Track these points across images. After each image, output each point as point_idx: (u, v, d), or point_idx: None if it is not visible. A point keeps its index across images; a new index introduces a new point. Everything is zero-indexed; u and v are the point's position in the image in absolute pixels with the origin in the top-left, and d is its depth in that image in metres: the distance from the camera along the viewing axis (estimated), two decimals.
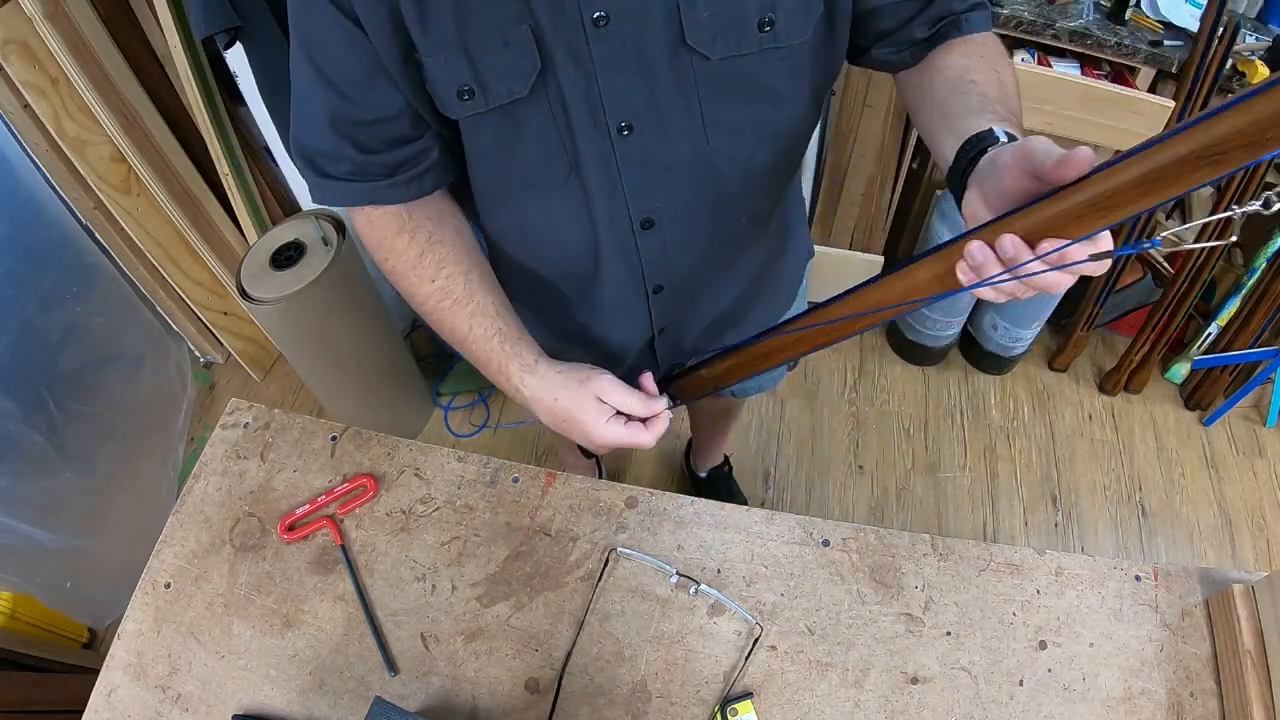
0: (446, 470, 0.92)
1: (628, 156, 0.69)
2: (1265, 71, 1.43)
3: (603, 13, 0.60)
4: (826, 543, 0.86)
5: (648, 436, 0.74)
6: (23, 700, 1.29)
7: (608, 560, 0.85)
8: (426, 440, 1.02)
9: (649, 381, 0.77)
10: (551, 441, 1.96)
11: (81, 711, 0.78)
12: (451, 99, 0.64)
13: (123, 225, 1.70)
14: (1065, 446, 1.98)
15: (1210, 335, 1.92)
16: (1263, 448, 1.96)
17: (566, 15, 0.60)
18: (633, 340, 0.91)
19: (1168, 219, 1.84)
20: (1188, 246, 0.64)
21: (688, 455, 1.88)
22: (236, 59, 1.44)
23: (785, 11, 0.63)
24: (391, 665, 0.80)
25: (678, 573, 0.84)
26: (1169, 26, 1.50)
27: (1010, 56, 0.77)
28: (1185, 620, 0.81)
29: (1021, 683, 0.78)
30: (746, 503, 1.36)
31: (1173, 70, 1.49)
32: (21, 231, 1.46)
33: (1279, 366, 1.84)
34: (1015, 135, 0.56)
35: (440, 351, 2.11)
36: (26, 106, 1.46)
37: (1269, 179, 1.56)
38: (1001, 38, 1.25)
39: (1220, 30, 1.39)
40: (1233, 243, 0.91)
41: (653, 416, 0.74)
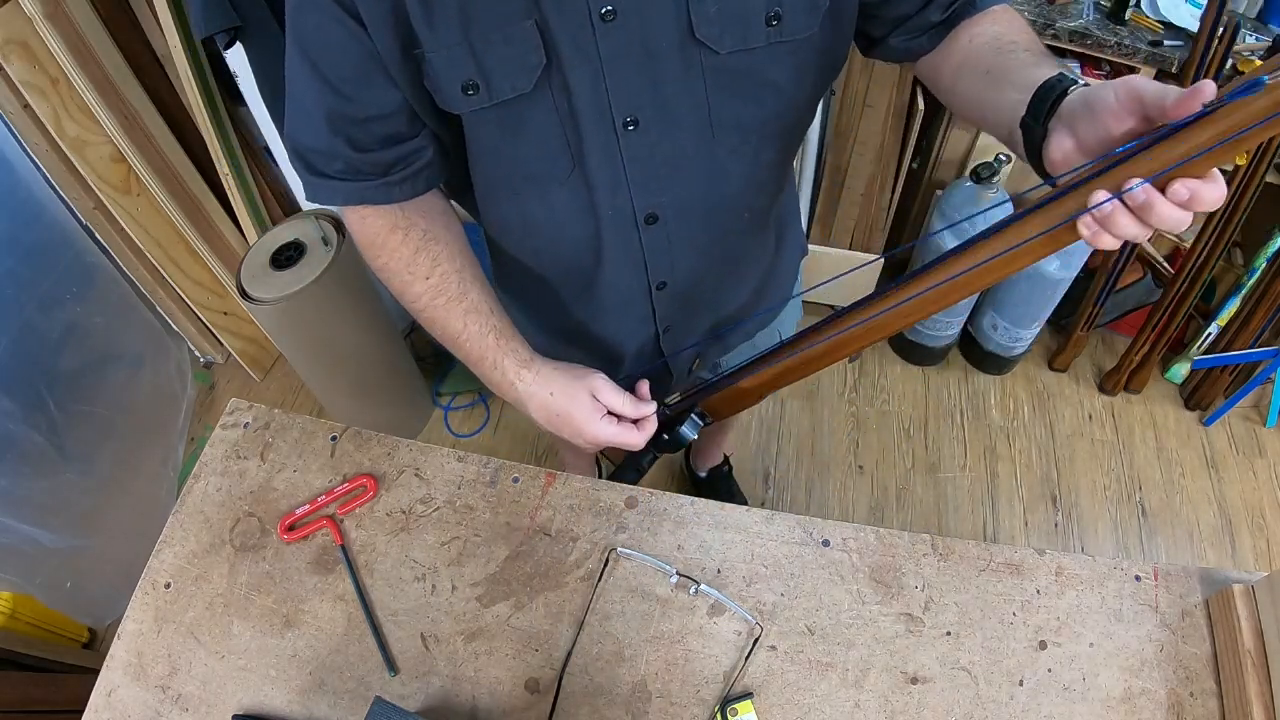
0: (446, 470, 0.92)
1: (633, 151, 0.69)
2: None
3: (611, 7, 0.60)
4: (826, 543, 0.86)
5: (637, 437, 0.77)
6: (23, 700, 1.29)
7: (608, 560, 0.85)
8: (426, 440, 1.02)
9: (644, 388, 0.80)
10: (551, 442, 1.96)
11: (81, 711, 0.78)
12: (455, 94, 0.64)
13: (123, 225, 1.70)
14: (1065, 446, 1.98)
15: (1210, 335, 1.91)
16: (1263, 448, 1.96)
17: (574, 10, 0.60)
18: (635, 339, 0.91)
19: None
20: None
21: (688, 455, 1.88)
22: (236, 59, 1.44)
23: (792, 6, 0.63)
24: (391, 665, 0.80)
25: (678, 573, 0.84)
26: (1169, 26, 1.50)
27: None
28: (1185, 620, 0.81)
29: (1021, 683, 0.78)
30: (746, 503, 1.36)
31: (1173, 70, 1.49)
32: (21, 231, 1.46)
33: (1279, 366, 1.84)
34: (1087, 81, 0.55)
35: (440, 351, 2.11)
36: (26, 106, 1.46)
37: None
38: None
39: (1220, 30, 1.38)
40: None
41: (643, 419, 0.77)
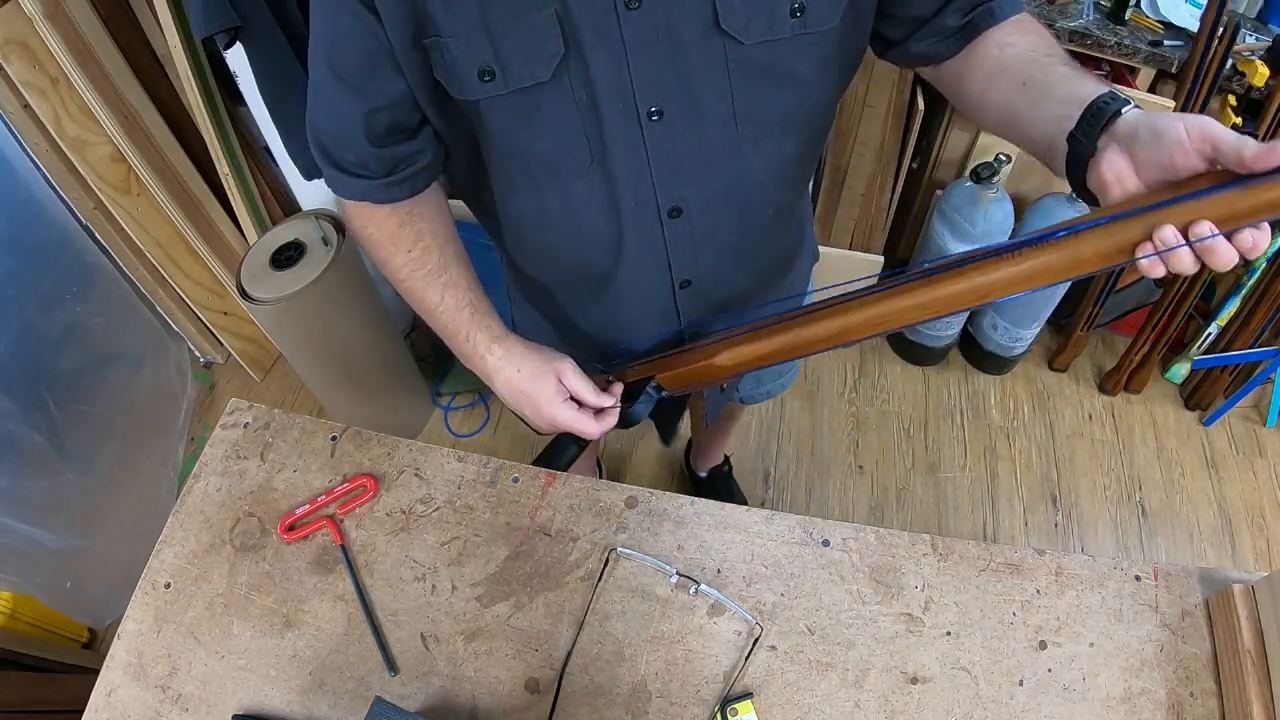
0: (446, 470, 0.92)
1: (657, 142, 0.68)
2: (1265, 72, 1.43)
3: None
4: (826, 543, 0.86)
5: (595, 427, 0.79)
6: (23, 700, 1.29)
7: (608, 560, 0.85)
8: (426, 440, 1.02)
9: (618, 389, 0.81)
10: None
11: (81, 711, 0.78)
12: (472, 80, 0.64)
13: (123, 225, 1.69)
14: (1065, 446, 1.98)
15: (1210, 335, 1.91)
16: (1263, 448, 1.96)
17: None
18: (655, 342, 0.89)
19: None
20: None
21: (688, 455, 1.88)
22: (236, 59, 1.43)
23: None
24: (391, 665, 0.80)
25: (678, 573, 0.84)
26: (1169, 26, 1.50)
27: None
28: (1185, 620, 0.81)
29: (1021, 683, 0.78)
30: (746, 503, 1.36)
31: (1173, 70, 1.49)
32: (21, 231, 1.46)
33: (1279, 366, 1.84)
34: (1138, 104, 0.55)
35: (440, 351, 2.11)
36: (26, 106, 1.46)
37: None
38: None
39: (1220, 30, 1.38)
40: None
41: (604, 411, 0.80)
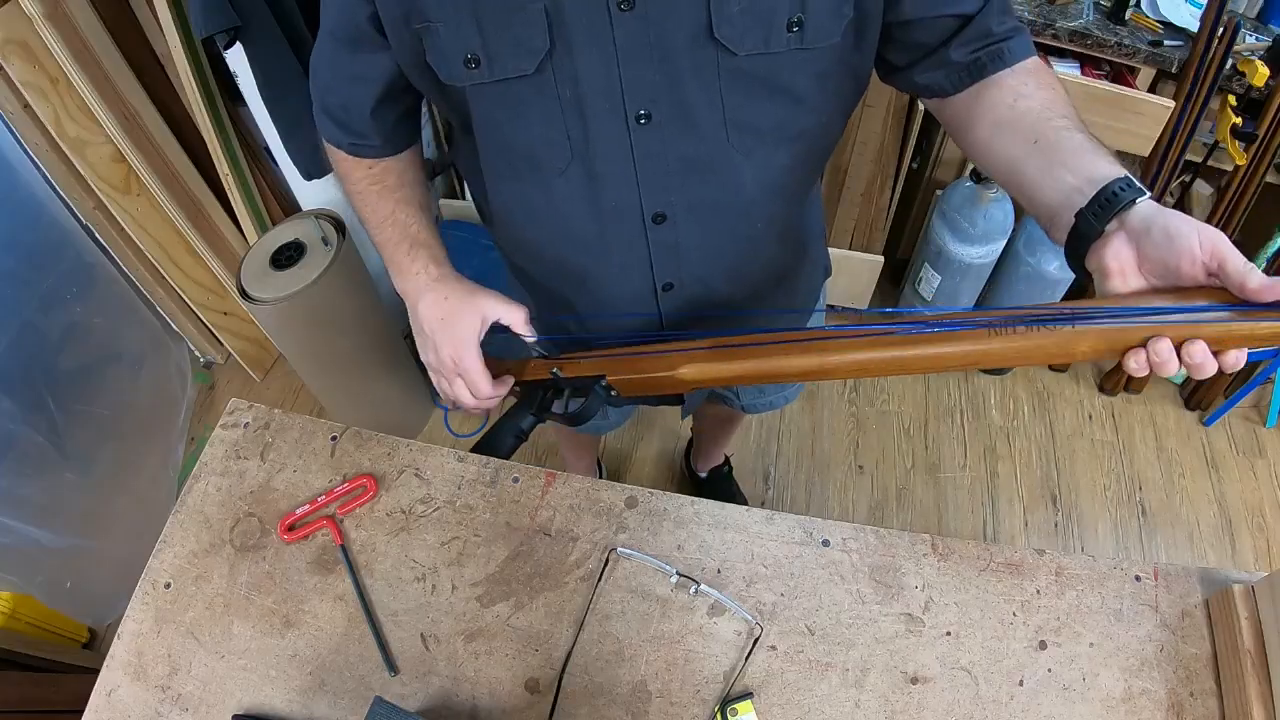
0: (446, 470, 0.92)
1: (644, 147, 0.68)
2: (1265, 72, 1.43)
3: None
4: (826, 543, 0.86)
5: (470, 399, 0.81)
6: (23, 700, 1.29)
7: (608, 560, 0.85)
8: (426, 440, 1.02)
9: (507, 382, 0.83)
10: (552, 441, 1.96)
11: (81, 711, 0.78)
12: (458, 67, 0.65)
13: (123, 225, 1.69)
14: (1065, 446, 1.98)
15: None
16: (1263, 448, 1.96)
17: None
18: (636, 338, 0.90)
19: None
20: None
21: (688, 455, 1.88)
22: (236, 59, 1.43)
23: (815, 13, 0.63)
24: (391, 665, 0.80)
25: (678, 573, 0.84)
26: (1169, 26, 1.50)
27: None
28: (1185, 620, 0.81)
29: (1021, 683, 0.78)
30: (746, 503, 1.36)
31: (1173, 70, 1.49)
32: (21, 231, 1.46)
33: (1279, 366, 1.84)
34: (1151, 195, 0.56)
35: None
36: (26, 106, 1.46)
37: None
38: None
39: (1220, 30, 1.38)
40: None
41: (499, 381, 0.81)
